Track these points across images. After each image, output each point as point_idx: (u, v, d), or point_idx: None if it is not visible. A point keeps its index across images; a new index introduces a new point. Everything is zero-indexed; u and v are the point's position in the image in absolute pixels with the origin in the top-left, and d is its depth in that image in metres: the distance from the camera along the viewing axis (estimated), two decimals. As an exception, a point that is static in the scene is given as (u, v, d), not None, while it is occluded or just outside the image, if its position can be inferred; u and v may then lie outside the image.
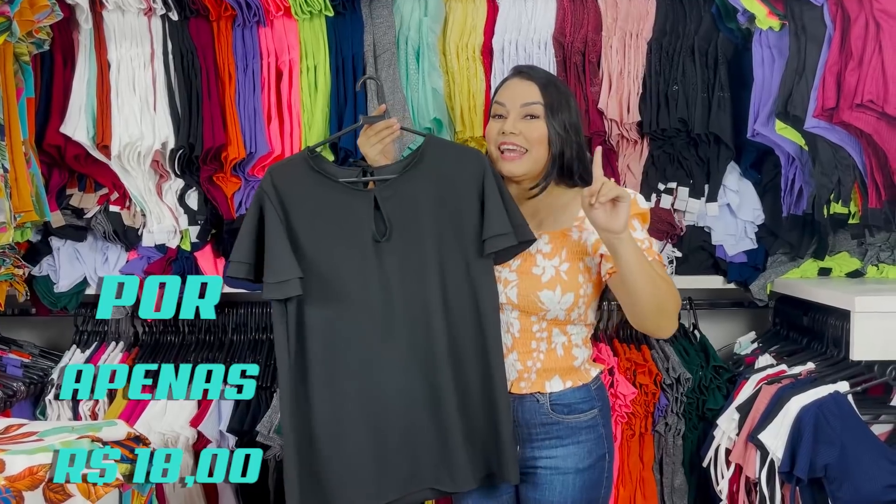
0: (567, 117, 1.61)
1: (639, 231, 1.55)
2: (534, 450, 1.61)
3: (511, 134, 1.59)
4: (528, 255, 1.60)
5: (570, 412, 1.60)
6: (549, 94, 1.60)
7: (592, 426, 1.62)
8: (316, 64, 2.10)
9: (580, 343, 1.64)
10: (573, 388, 1.61)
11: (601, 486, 1.63)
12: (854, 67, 1.80)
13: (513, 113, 1.60)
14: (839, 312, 1.92)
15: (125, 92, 2.06)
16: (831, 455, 1.72)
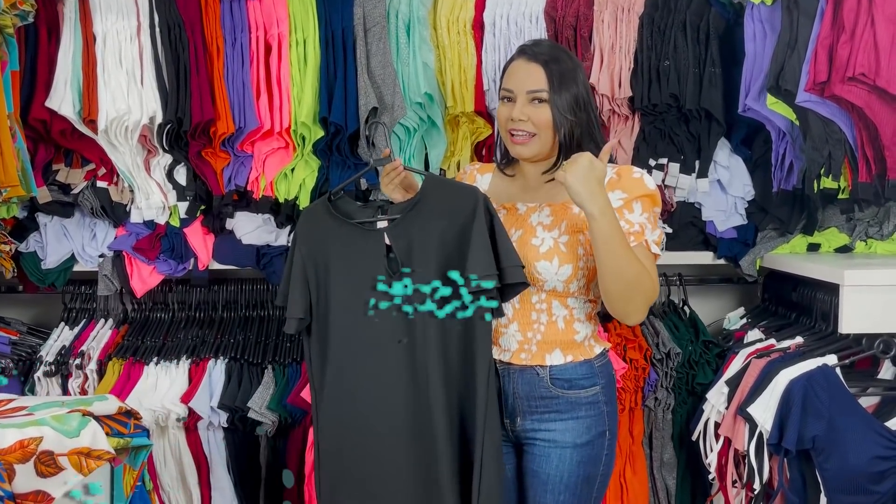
0: (575, 92, 1.59)
1: (636, 213, 1.54)
2: (533, 422, 1.62)
3: (519, 121, 1.60)
4: (528, 227, 1.61)
5: (571, 387, 1.61)
6: (553, 75, 1.58)
7: (593, 402, 1.62)
8: (305, 38, 2.08)
9: (583, 318, 1.63)
10: (574, 363, 1.61)
11: (600, 463, 1.63)
12: (846, 40, 1.80)
13: (520, 98, 1.60)
14: (828, 287, 1.94)
15: (111, 65, 2.02)
16: (819, 427, 1.74)
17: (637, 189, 1.56)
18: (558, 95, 1.58)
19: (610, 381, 1.67)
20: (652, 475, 2.22)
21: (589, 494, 1.64)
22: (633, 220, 1.54)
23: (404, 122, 2.11)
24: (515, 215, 1.66)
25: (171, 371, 2.15)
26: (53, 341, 2.22)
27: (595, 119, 1.64)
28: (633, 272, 1.48)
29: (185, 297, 2.34)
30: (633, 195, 1.56)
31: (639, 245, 1.52)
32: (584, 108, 1.61)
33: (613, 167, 1.61)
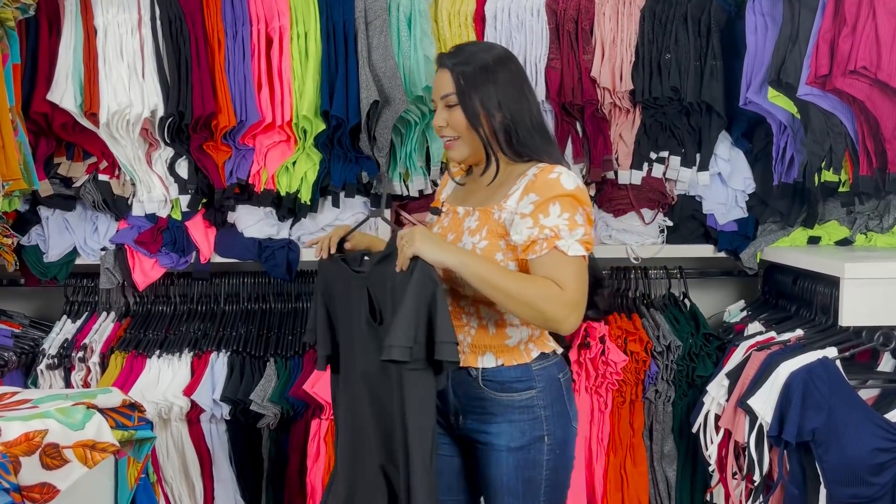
0: (489, 91, 1.55)
1: (552, 216, 1.47)
2: (473, 422, 1.61)
3: (440, 127, 1.60)
4: (460, 231, 1.59)
5: (503, 390, 1.57)
6: (460, 78, 1.56)
7: (528, 406, 1.57)
8: (306, 31, 2.08)
9: (516, 322, 1.58)
10: (507, 367, 1.57)
11: (542, 468, 1.59)
12: (847, 34, 1.80)
13: (438, 105, 1.61)
14: (828, 280, 1.94)
15: (113, 59, 2.03)
16: (819, 419, 1.75)
17: (551, 190, 1.48)
18: (467, 96, 1.55)
19: (551, 383, 1.60)
20: (652, 467, 2.23)
21: (535, 498, 1.60)
22: (546, 224, 1.47)
23: (406, 115, 2.11)
24: (455, 219, 1.63)
25: (174, 364, 2.16)
26: (56, 334, 2.22)
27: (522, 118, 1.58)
28: (528, 294, 1.43)
29: (187, 290, 2.35)
30: (546, 196, 1.48)
31: (551, 252, 1.46)
32: (503, 105, 1.56)
33: (538, 167, 1.54)
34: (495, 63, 1.59)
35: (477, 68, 1.57)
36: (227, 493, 2.13)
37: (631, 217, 2.31)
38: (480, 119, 1.56)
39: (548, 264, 1.45)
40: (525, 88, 1.62)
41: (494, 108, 1.56)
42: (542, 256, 1.46)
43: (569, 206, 1.48)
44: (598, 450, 2.20)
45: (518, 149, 1.58)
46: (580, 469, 2.18)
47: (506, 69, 1.60)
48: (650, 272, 2.41)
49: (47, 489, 1.28)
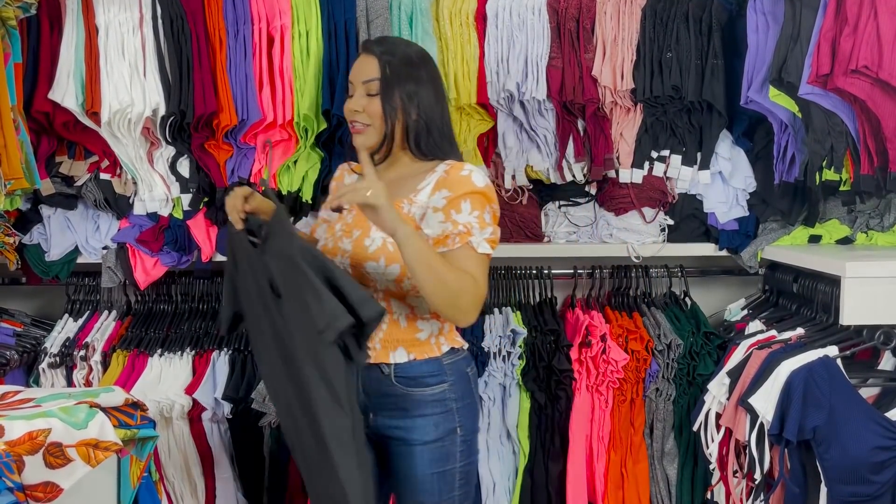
0: (411, 88, 1.58)
1: (463, 213, 1.50)
2: (384, 419, 1.61)
3: (355, 112, 1.60)
4: (366, 227, 1.58)
5: (416, 385, 1.58)
6: (386, 68, 1.58)
7: (440, 400, 1.59)
8: (308, 29, 2.08)
9: (427, 316, 1.60)
10: (419, 361, 1.59)
11: (455, 460, 1.61)
12: (849, 33, 1.80)
13: (357, 90, 1.61)
14: (829, 278, 1.95)
15: (114, 57, 2.02)
16: (820, 418, 1.75)
17: (463, 186, 1.51)
18: (388, 87, 1.57)
19: (461, 377, 1.64)
20: (653, 465, 2.23)
21: (450, 491, 1.62)
22: (459, 221, 1.50)
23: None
24: (360, 215, 1.59)
25: (175, 363, 2.16)
26: (58, 333, 2.23)
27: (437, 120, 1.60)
28: (453, 281, 1.44)
29: (189, 288, 2.35)
30: (458, 193, 1.51)
31: (463, 246, 1.49)
32: (422, 104, 1.58)
33: (447, 164, 1.57)
34: (419, 61, 1.62)
35: (403, 62, 1.59)
36: (229, 491, 2.14)
37: (632, 216, 2.32)
38: (397, 113, 1.58)
39: (460, 257, 1.48)
40: (440, 92, 1.65)
41: (413, 105, 1.58)
42: (454, 250, 1.49)
43: (479, 205, 1.52)
44: (599, 448, 2.20)
45: (426, 149, 1.61)
46: (581, 467, 2.19)
47: (427, 69, 1.63)
48: (651, 271, 2.42)
49: (51, 488, 1.28)
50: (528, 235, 2.36)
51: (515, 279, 2.43)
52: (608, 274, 2.42)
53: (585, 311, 2.29)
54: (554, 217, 2.37)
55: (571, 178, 2.27)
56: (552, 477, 2.21)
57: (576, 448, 2.18)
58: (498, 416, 2.20)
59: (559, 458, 2.20)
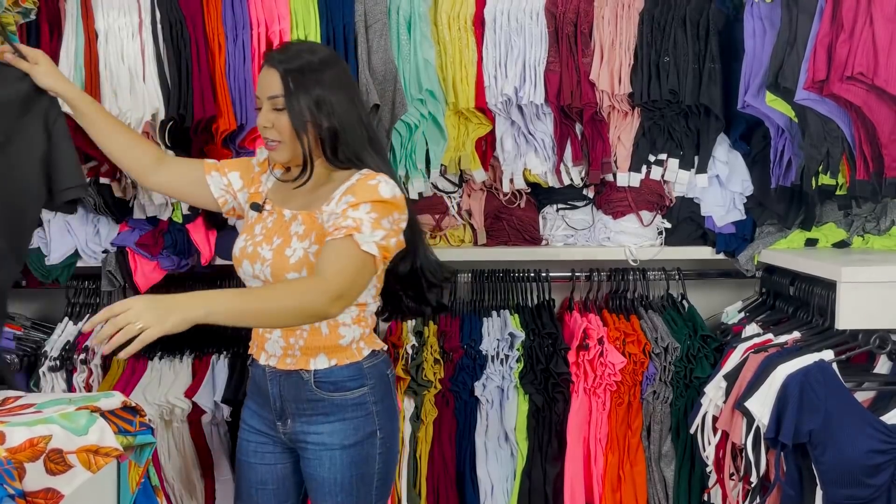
0: (318, 96, 1.54)
1: (360, 211, 1.48)
2: (303, 424, 1.62)
3: (265, 128, 1.58)
4: (287, 236, 1.58)
5: (336, 389, 1.60)
6: (289, 81, 1.54)
7: (360, 403, 1.61)
8: (307, 34, 2.08)
9: (349, 322, 1.60)
10: (340, 366, 1.60)
11: (374, 462, 1.63)
12: (845, 39, 1.81)
13: (264, 105, 1.58)
14: (825, 282, 1.96)
15: (114, 62, 2.03)
16: (815, 421, 1.76)
17: (367, 194, 1.50)
18: (295, 100, 1.53)
19: (381, 380, 1.65)
20: (650, 467, 2.24)
21: (367, 494, 1.64)
22: (351, 215, 1.48)
23: (405, 118, 2.12)
24: (281, 221, 1.62)
25: (175, 366, 2.17)
26: (58, 336, 2.23)
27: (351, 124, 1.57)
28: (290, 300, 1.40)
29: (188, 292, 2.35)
30: (360, 199, 1.49)
31: (344, 239, 1.45)
32: (334, 111, 1.55)
33: (361, 174, 1.56)
34: (324, 66, 1.57)
35: (306, 71, 1.54)
36: (228, 493, 2.14)
37: (630, 219, 2.33)
38: (307, 126, 1.54)
39: (335, 248, 1.45)
40: (354, 96, 1.60)
41: (322, 113, 1.54)
42: (334, 239, 1.46)
43: (379, 209, 1.49)
44: (597, 450, 2.21)
45: (343, 158, 1.57)
46: (578, 469, 2.20)
47: (334, 73, 1.58)
48: (648, 274, 2.42)
49: (52, 494, 1.29)
50: (526, 239, 2.37)
51: (513, 282, 2.44)
52: (606, 277, 2.43)
53: (583, 314, 2.30)
54: (552, 220, 2.38)
55: (569, 181, 2.28)
56: (550, 479, 2.22)
57: (573, 450, 2.19)
58: (496, 418, 2.21)
59: (557, 460, 2.22)
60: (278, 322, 1.46)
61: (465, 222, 2.37)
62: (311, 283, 1.45)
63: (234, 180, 1.78)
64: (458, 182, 2.34)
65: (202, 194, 1.79)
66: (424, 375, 2.16)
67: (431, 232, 2.35)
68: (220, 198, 1.78)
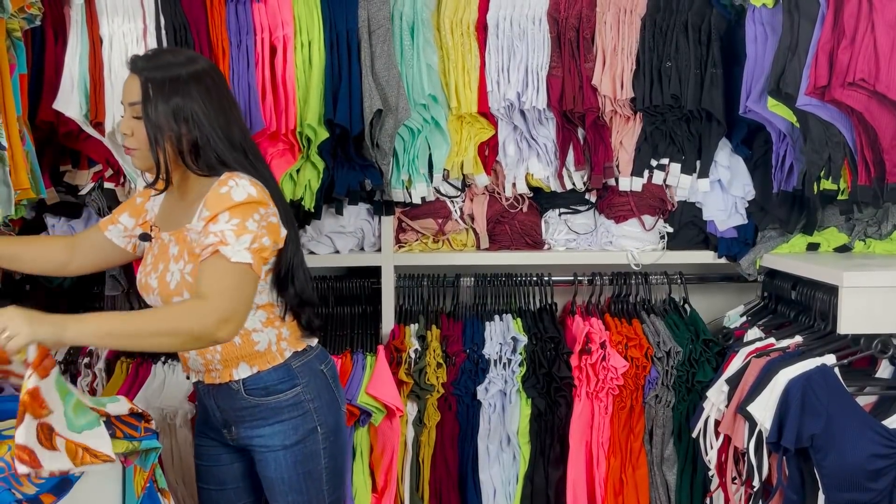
0: (177, 105, 1.49)
1: (220, 223, 1.43)
2: (246, 430, 1.62)
3: (125, 135, 1.55)
4: (166, 259, 1.55)
5: (269, 394, 1.59)
6: (148, 87, 1.49)
7: (295, 404, 1.60)
8: (310, 40, 2.09)
9: (259, 327, 1.57)
10: (265, 372, 1.58)
11: (319, 458, 1.63)
12: (846, 46, 1.82)
13: (127, 112, 1.54)
14: (826, 287, 1.96)
15: (118, 67, 2.03)
16: (818, 426, 1.77)
17: (220, 204, 1.44)
18: (150, 108, 1.48)
19: (314, 376, 1.63)
20: (652, 471, 2.25)
21: (318, 489, 1.64)
22: (212, 230, 1.43)
23: (408, 123, 2.13)
24: (162, 245, 1.58)
25: (179, 370, 2.17)
26: (62, 340, 2.24)
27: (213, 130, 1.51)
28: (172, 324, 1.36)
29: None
30: (216, 211, 1.44)
31: (212, 258, 1.41)
32: (195, 121, 1.50)
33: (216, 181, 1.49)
34: (188, 74, 1.51)
35: (167, 79, 1.50)
36: (232, 497, 2.15)
37: (632, 223, 2.34)
38: (162, 136, 1.50)
39: (207, 268, 1.41)
40: (225, 103, 1.55)
41: (181, 122, 1.50)
42: (204, 261, 1.42)
43: (239, 213, 1.44)
44: (599, 454, 2.22)
45: (203, 167, 1.53)
46: (581, 473, 2.21)
47: (201, 83, 1.52)
48: (651, 278, 2.43)
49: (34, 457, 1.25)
50: (528, 243, 2.38)
51: (516, 286, 2.45)
52: (608, 281, 2.44)
53: (585, 318, 2.31)
54: (554, 225, 2.39)
55: (571, 186, 2.29)
56: (552, 482, 2.23)
57: (576, 454, 2.20)
58: (498, 422, 2.22)
59: (559, 463, 2.22)
60: (157, 346, 1.42)
61: (468, 227, 2.38)
62: (191, 306, 1.40)
63: (125, 221, 1.73)
64: (461, 186, 2.35)
65: (116, 252, 1.75)
66: (427, 379, 2.17)
67: (434, 236, 2.36)
68: (126, 245, 1.73)
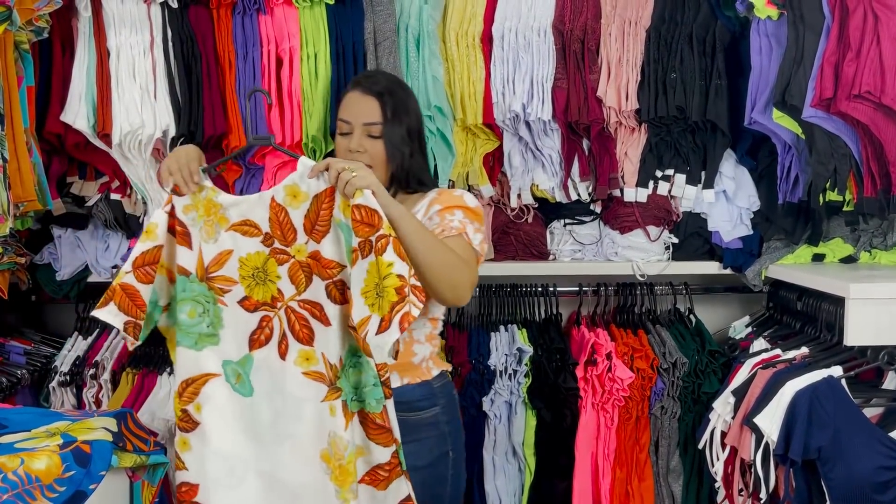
0: (408, 123, 1.65)
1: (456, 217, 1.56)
2: None
3: (356, 152, 1.63)
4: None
5: (410, 409, 1.60)
6: (387, 108, 1.63)
7: (433, 424, 1.62)
8: (316, 52, 2.10)
9: (422, 339, 1.63)
10: (412, 385, 1.61)
11: (446, 483, 1.63)
12: (852, 58, 1.82)
13: (357, 130, 1.64)
14: (832, 298, 1.96)
15: (125, 80, 2.05)
16: (825, 437, 1.76)
17: (454, 201, 1.58)
18: (392, 128, 1.62)
19: (450, 400, 1.67)
20: (658, 482, 2.24)
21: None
22: (452, 219, 1.56)
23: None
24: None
25: (185, 381, 2.17)
26: (68, 351, 2.24)
27: (423, 143, 1.70)
28: (451, 257, 1.47)
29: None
30: (450, 205, 1.57)
31: (458, 236, 1.53)
32: (416, 136, 1.68)
33: (435, 190, 1.64)
34: (407, 94, 1.68)
35: (399, 100, 1.64)
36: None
37: (637, 234, 2.34)
38: (398, 153, 1.62)
39: (455, 244, 1.51)
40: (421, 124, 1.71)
41: (412, 138, 1.65)
42: (449, 238, 1.52)
43: (470, 216, 1.57)
44: (605, 465, 2.21)
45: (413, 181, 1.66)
46: (587, 484, 2.20)
47: (413, 99, 1.69)
48: (656, 288, 2.43)
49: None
50: (533, 253, 2.38)
51: (521, 297, 2.45)
52: (613, 291, 2.44)
53: (591, 329, 2.31)
54: (559, 235, 2.39)
55: (577, 196, 2.30)
56: (558, 494, 2.23)
57: (581, 465, 2.19)
58: (504, 433, 2.21)
59: (565, 475, 2.21)
60: (429, 262, 1.44)
61: (473, 237, 2.38)
62: (462, 259, 1.49)
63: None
64: (466, 197, 2.35)
65: None
66: (433, 390, 2.16)
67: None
68: None
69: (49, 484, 1.28)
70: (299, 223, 1.48)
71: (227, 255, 1.52)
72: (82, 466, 1.32)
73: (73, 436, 1.37)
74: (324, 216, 1.47)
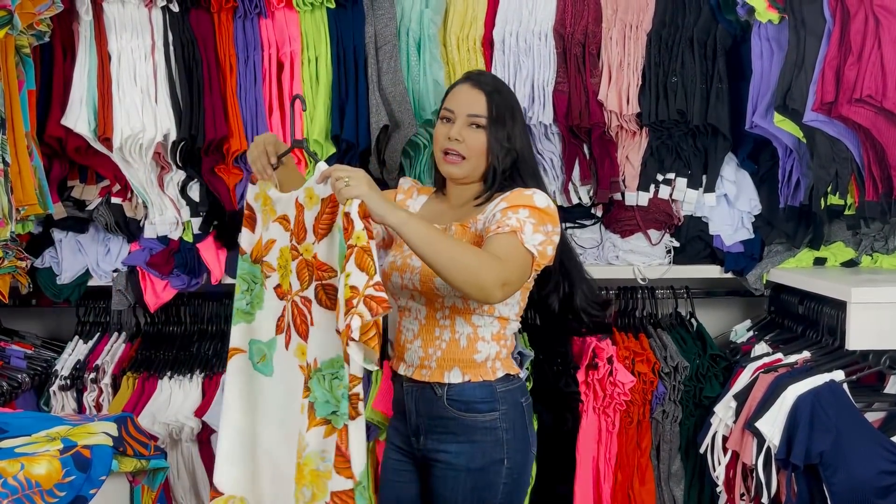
0: (511, 127, 1.65)
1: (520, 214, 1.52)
2: (433, 442, 1.62)
3: (455, 140, 1.63)
4: None
5: (468, 410, 1.58)
6: (494, 105, 1.64)
7: (490, 428, 1.59)
8: (317, 56, 2.10)
9: (488, 338, 1.61)
10: (473, 384, 1.59)
11: (497, 492, 1.60)
12: (853, 62, 1.82)
13: (459, 120, 1.64)
14: (834, 302, 1.96)
15: (126, 84, 2.05)
16: (826, 442, 1.76)
17: (522, 200, 1.56)
18: (495, 125, 1.63)
19: (514, 407, 1.63)
20: (660, 486, 2.24)
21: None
22: (511, 216, 1.52)
23: (415, 138, 2.13)
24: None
25: (185, 385, 2.18)
26: (68, 355, 2.24)
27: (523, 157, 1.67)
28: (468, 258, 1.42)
29: (198, 310, 2.37)
30: (518, 204, 1.55)
31: (508, 234, 1.49)
32: (519, 144, 1.66)
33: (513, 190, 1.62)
34: (515, 103, 1.69)
35: (507, 103, 1.66)
36: (238, 513, 2.15)
37: (638, 238, 2.33)
38: (500, 149, 1.63)
39: (501, 241, 1.49)
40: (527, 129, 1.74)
41: (514, 141, 1.65)
42: (499, 234, 1.50)
43: (536, 216, 1.54)
44: (606, 469, 2.21)
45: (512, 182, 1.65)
46: (588, 488, 2.19)
47: (520, 109, 1.70)
48: (657, 292, 2.43)
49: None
50: (534, 257, 2.37)
51: (522, 300, 2.44)
52: (614, 295, 2.43)
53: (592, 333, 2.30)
54: (560, 239, 2.38)
55: (578, 200, 2.29)
56: (559, 498, 2.22)
57: (583, 469, 2.19)
58: (505, 437, 2.20)
59: (566, 479, 2.21)
60: (445, 268, 1.42)
61: (474, 241, 2.38)
62: (489, 257, 1.46)
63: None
64: (467, 201, 2.35)
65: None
66: (434, 394, 2.16)
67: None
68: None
69: (49, 489, 1.27)
70: (310, 224, 1.55)
71: (271, 243, 1.65)
72: (82, 471, 1.31)
73: (73, 440, 1.37)
74: (326, 220, 1.51)
